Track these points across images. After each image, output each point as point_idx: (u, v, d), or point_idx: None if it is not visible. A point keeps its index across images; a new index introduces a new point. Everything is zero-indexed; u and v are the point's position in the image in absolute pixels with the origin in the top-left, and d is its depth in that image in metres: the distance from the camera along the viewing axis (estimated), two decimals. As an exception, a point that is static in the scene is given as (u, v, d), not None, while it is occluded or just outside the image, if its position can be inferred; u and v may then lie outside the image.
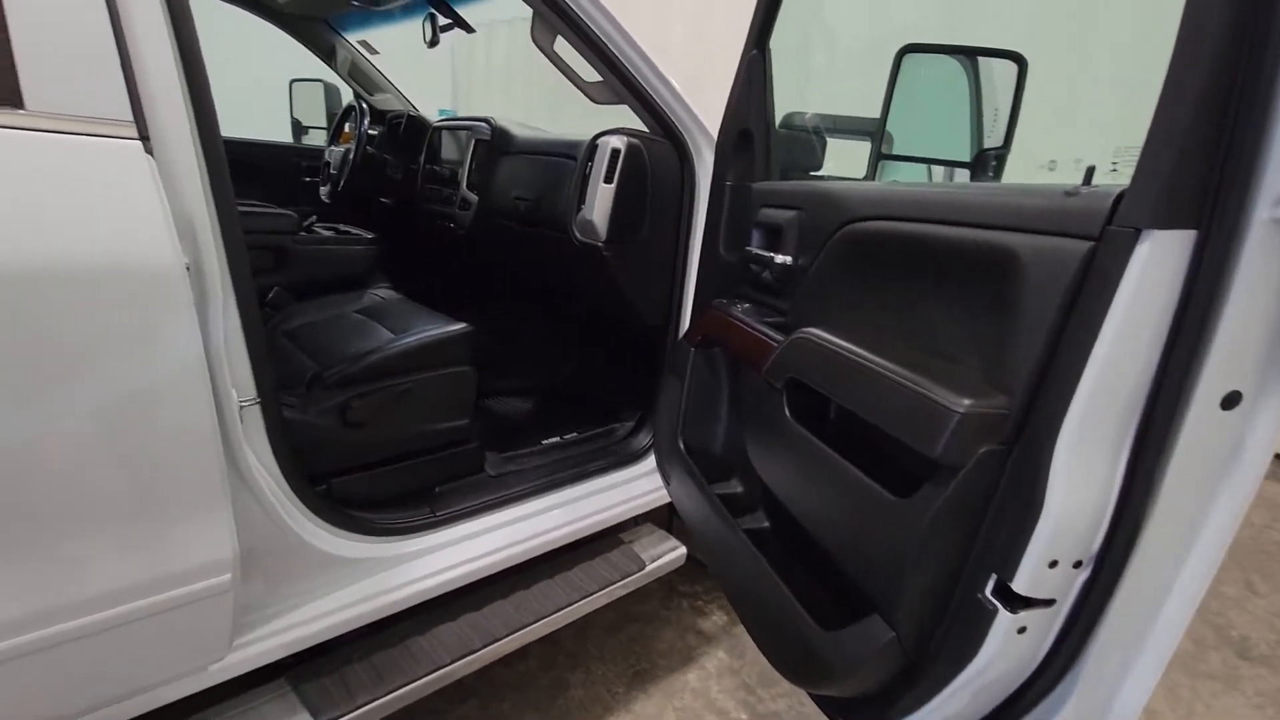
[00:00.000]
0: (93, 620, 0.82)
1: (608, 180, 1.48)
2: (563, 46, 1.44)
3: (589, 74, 1.49)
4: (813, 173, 1.33)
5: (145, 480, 0.83)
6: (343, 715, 1.11)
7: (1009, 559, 0.63)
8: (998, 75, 1.28)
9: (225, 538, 0.91)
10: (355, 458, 1.32)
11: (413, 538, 1.30)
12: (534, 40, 1.42)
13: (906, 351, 0.74)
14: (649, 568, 1.61)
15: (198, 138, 0.86)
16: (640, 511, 1.70)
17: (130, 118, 0.78)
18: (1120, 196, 0.55)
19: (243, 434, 0.98)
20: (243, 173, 2.59)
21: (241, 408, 0.98)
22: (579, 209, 1.55)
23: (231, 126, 1.08)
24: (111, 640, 0.85)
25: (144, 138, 0.79)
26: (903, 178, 1.40)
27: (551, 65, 1.49)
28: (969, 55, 1.29)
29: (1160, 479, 0.58)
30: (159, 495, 0.85)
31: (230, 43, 2.45)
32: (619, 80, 1.43)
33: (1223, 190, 0.50)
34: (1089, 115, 2.37)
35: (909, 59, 1.18)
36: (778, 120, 1.30)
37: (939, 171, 1.44)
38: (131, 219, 0.77)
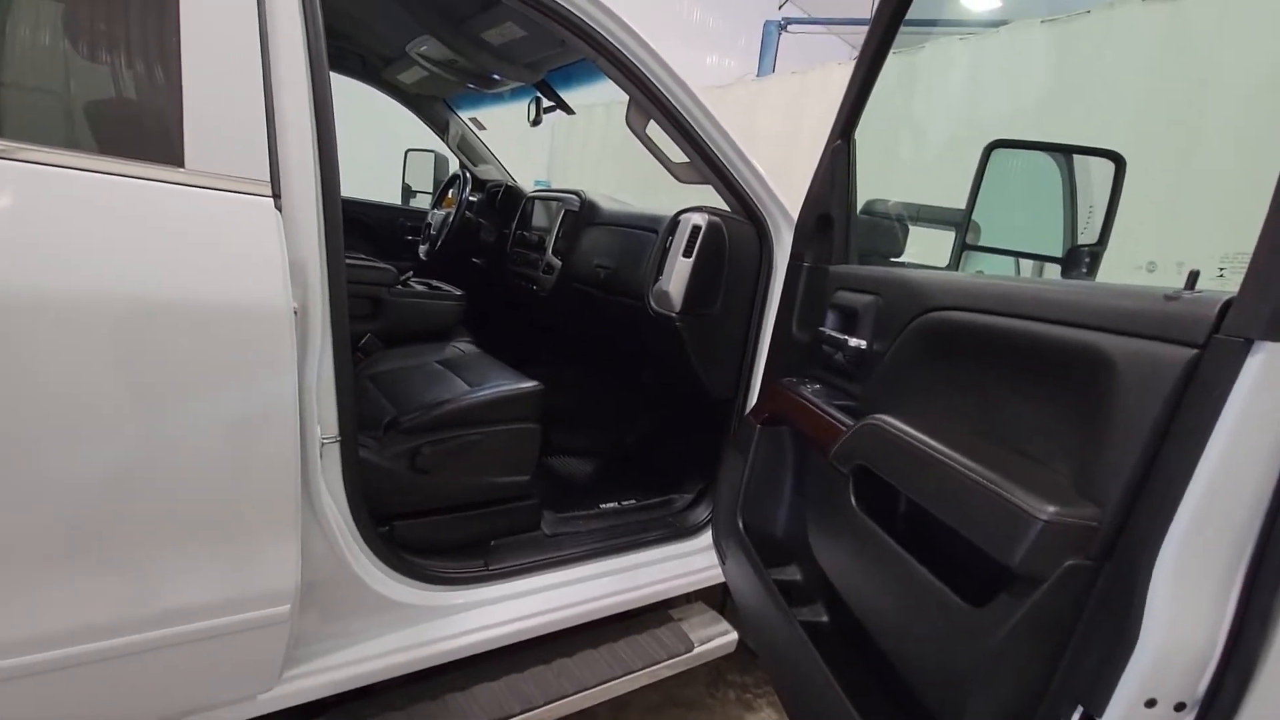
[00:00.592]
0: (161, 635, 0.87)
1: (686, 254, 1.52)
2: (653, 129, 1.52)
3: (677, 155, 1.57)
4: (893, 259, 1.32)
5: (230, 504, 0.89)
6: (375, 766, 1.10)
7: (1097, 691, 0.56)
8: (1094, 172, 1.25)
9: (291, 568, 0.95)
10: (419, 503, 1.36)
11: (463, 589, 1.31)
12: (628, 123, 1.51)
13: (986, 448, 0.71)
14: (697, 650, 1.54)
15: (321, 198, 0.96)
16: (693, 589, 1.64)
17: (267, 179, 0.88)
18: (1228, 304, 0.52)
19: (321, 470, 1.04)
20: (356, 229, 2.84)
21: (323, 445, 1.04)
22: (656, 280, 1.60)
23: (352, 187, 1.20)
24: (176, 656, 0.89)
25: (276, 195, 0.89)
26: (987, 269, 1.36)
27: (640, 146, 1.58)
28: (1063, 152, 1.27)
29: (1279, 614, 0.52)
30: (239, 519, 0.90)
31: (361, 114, 2.75)
32: (705, 162, 1.49)
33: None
34: (1194, 217, 2.25)
35: (998, 153, 1.18)
36: (859, 206, 1.31)
37: (1026, 266, 1.40)
38: (255, 265, 0.86)
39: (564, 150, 7.27)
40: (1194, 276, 0.56)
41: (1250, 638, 0.53)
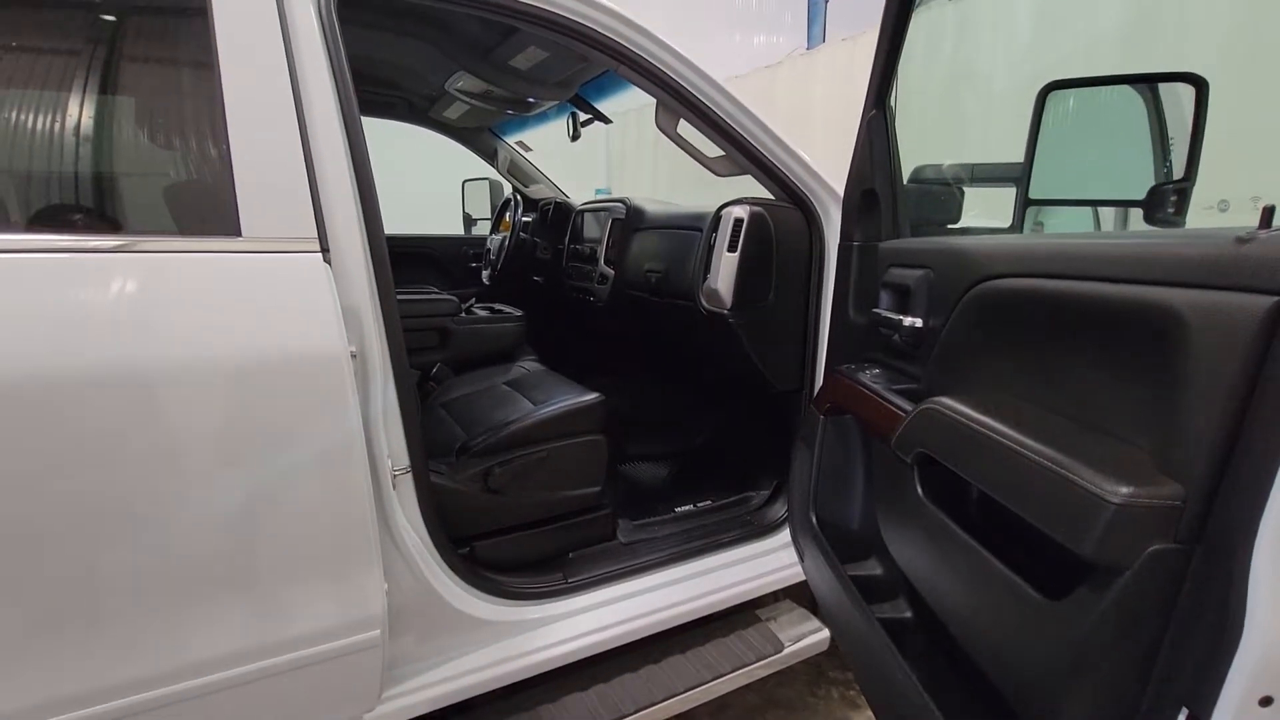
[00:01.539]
0: (270, 664, 0.94)
1: (731, 249, 1.50)
2: (685, 127, 1.50)
3: (713, 150, 1.54)
4: (950, 227, 1.24)
5: (314, 538, 0.95)
6: (476, 778, 1.15)
7: (1202, 690, 0.50)
8: (1173, 101, 1.12)
9: (376, 595, 1.01)
10: (495, 522, 1.41)
11: (546, 603, 1.34)
12: (658, 126, 1.50)
13: (1054, 427, 0.65)
14: (787, 650, 1.50)
15: (366, 246, 1.02)
16: (778, 586, 1.60)
17: (315, 235, 0.94)
18: (1309, 241, 0.45)
19: (396, 499, 1.10)
20: (424, 263, 2.97)
21: (395, 475, 1.09)
22: (705, 278, 1.58)
23: (417, 224, 1.24)
24: (286, 683, 0.97)
25: (324, 250, 0.95)
26: (1063, 224, 1.25)
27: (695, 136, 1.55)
28: (1128, 83, 1.14)
29: None
30: (325, 553, 0.97)
31: (421, 154, 2.90)
32: (740, 152, 1.46)
33: None
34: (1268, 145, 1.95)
35: (1055, 96, 1.07)
36: (906, 176, 1.23)
37: (1108, 215, 1.27)
38: (311, 316, 0.92)
39: (620, 155, 7.34)
40: (1269, 213, 0.49)
41: (1384, 623, 0.45)
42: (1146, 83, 1.10)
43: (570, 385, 1.62)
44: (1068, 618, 0.58)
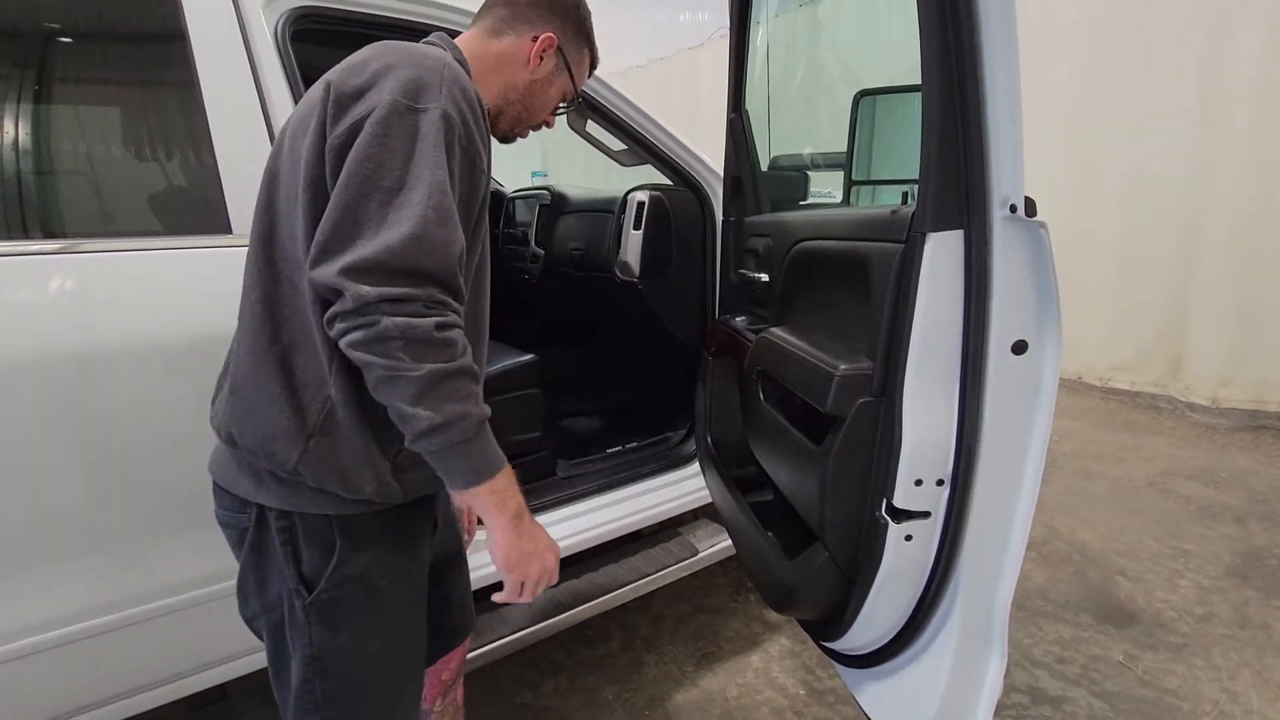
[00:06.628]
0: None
1: (636, 227, 1.80)
2: (593, 126, 1.78)
3: (619, 144, 1.82)
4: (801, 204, 1.57)
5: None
6: (450, 660, 1.44)
7: (888, 483, 0.84)
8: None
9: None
10: (453, 465, 1.68)
11: (498, 526, 1.63)
12: (570, 126, 1.77)
13: (821, 337, 0.98)
14: (701, 554, 1.84)
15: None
16: (693, 507, 1.93)
17: (289, 230, 1.19)
18: (914, 213, 0.78)
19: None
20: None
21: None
22: (617, 253, 1.87)
23: None
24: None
25: (298, 242, 1.20)
26: (882, 199, 1.59)
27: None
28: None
29: (982, 410, 0.78)
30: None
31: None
32: (639, 147, 1.75)
33: (971, 201, 0.72)
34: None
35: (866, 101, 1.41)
36: (766, 164, 1.56)
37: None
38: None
39: (553, 138, 7.48)
40: (905, 195, 0.82)
41: (969, 429, 0.80)
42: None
43: (510, 350, 1.89)
44: (823, 453, 0.91)
